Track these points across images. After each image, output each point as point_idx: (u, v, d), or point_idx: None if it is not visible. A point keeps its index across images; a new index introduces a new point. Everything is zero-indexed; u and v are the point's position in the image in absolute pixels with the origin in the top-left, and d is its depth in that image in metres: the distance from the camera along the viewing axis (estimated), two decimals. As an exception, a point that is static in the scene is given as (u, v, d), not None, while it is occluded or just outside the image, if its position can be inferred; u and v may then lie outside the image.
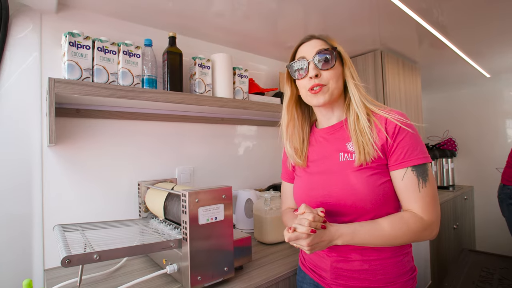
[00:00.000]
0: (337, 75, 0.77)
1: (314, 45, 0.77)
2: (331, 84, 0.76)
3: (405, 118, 0.72)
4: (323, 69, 0.75)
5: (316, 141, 0.86)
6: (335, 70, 0.76)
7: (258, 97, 1.53)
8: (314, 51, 0.76)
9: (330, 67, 0.75)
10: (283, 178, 1.00)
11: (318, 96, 0.76)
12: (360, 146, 0.72)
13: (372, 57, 1.86)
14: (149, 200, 1.13)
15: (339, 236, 0.67)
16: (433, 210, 0.69)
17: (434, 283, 2.04)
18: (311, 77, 0.76)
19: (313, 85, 0.76)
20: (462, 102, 3.09)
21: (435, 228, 0.70)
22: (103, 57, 1.05)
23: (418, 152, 0.70)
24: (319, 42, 0.78)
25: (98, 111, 1.17)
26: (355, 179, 0.72)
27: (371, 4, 1.26)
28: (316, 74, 0.75)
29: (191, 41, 1.48)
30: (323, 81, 0.75)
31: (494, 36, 1.71)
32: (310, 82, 0.76)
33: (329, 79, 0.76)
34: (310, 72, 0.76)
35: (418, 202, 0.69)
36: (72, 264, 0.65)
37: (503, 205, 1.99)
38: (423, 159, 0.70)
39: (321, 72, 0.75)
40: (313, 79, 0.75)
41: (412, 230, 0.67)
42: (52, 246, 1.05)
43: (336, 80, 0.76)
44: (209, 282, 0.83)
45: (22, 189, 1.02)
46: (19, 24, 1.03)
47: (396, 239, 0.68)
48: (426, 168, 0.70)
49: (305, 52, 0.78)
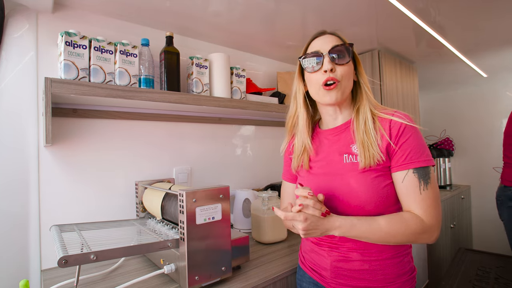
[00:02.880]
0: (350, 73, 0.76)
1: (329, 40, 0.76)
2: (344, 81, 0.75)
3: (410, 119, 0.72)
4: (338, 64, 0.74)
5: (320, 142, 0.85)
6: (349, 67, 0.76)
7: (255, 97, 1.53)
8: (329, 45, 0.75)
9: (345, 62, 0.74)
10: (284, 178, 0.99)
11: (331, 93, 0.74)
12: (366, 149, 0.71)
13: (370, 57, 1.86)
14: (147, 200, 1.12)
15: (337, 227, 0.68)
16: (434, 213, 0.68)
17: (432, 282, 2.05)
18: (325, 71, 0.74)
19: (328, 79, 0.73)
20: (459, 102, 3.10)
21: (435, 232, 0.68)
22: (100, 56, 1.04)
23: (420, 154, 0.69)
24: (333, 38, 0.77)
25: (95, 111, 1.16)
26: (359, 181, 0.72)
27: (368, 3, 1.26)
28: (331, 68, 0.73)
29: (188, 41, 1.48)
30: (338, 77, 0.74)
31: (491, 36, 1.72)
32: (324, 76, 0.74)
33: (343, 76, 0.74)
34: (325, 65, 0.73)
35: (418, 204, 0.68)
36: (69, 264, 0.64)
37: (503, 207, 1.81)
38: (426, 161, 0.69)
39: (336, 67, 0.74)
40: (328, 73, 0.73)
41: (411, 230, 0.67)
42: (49, 247, 1.05)
43: (349, 78, 0.76)
44: (207, 282, 0.83)
45: (19, 190, 1.01)
46: (15, 24, 1.02)
47: (394, 238, 0.68)
48: (428, 171, 0.69)
49: (319, 46, 0.76)
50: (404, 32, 1.60)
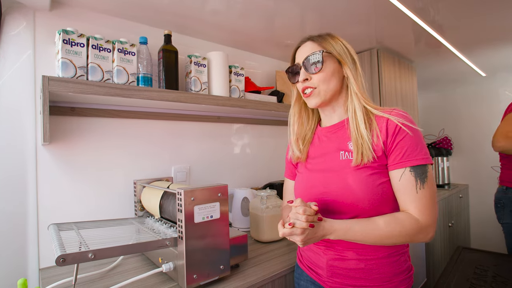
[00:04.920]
0: (327, 77, 0.77)
1: (306, 49, 0.80)
2: (321, 87, 0.78)
3: (407, 117, 0.72)
4: (311, 73, 0.77)
5: (318, 139, 0.87)
6: (324, 73, 0.77)
7: (254, 96, 1.52)
8: (304, 56, 0.79)
9: (318, 70, 0.77)
10: (286, 176, 1.01)
11: (310, 99, 0.80)
12: (359, 146, 0.72)
13: (368, 55, 1.86)
14: (145, 198, 1.12)
15: (333, 232, 0.68)
16: (429, 212, 0.68)
17: (429, 280, 2.06)
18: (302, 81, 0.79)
19: (303, 88, 0.80)
20: (457, 101, 3.10)
21: (430, 231, 0.68)
22: (98, 55, 1.04)
23: (417, 152, 0.69)
24: (310, 45, 0.79)
25: (93, 109, 1.16)
26: (354, 178, 0.72)
27: (367, 2, 1.26)
28: (306, 78, 0.78)
29: (186, 39, 1.47)
30: (313, 84, 0.78)
31: (489, 35, 1.72)
32: (302, 85, 0.80)
33: (318, 82, 0.77)
34: (300, 76, 0.79)
35: (414, 203, 0.68)
36: (67, 263, 0.64)
37: (505, 211, 1.66)
38: (423, 160, 0.68)
39: (311, 76, 0.78)
40: (303, 82, 0.79)
41: (407, 231, 0.67)
42: (47, 245, 1.05)
43: (326, 82, 0.77)
44: (205, 280, 0.83)
45: (17, 188, 1.01)
46: (12, 21, 1.02)
47: (389, 239, 0.68)
48: (425, 169, 0.69)
49: (298, 56, 0.81)
50: (403, 31, 1.60)
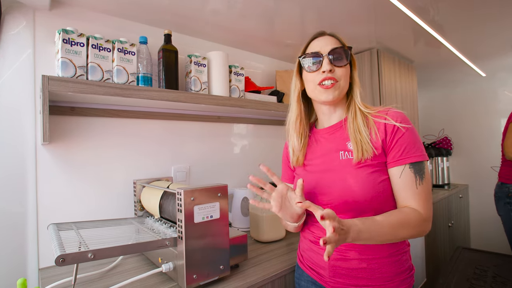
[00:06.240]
0: (348, 74, 0.79)
1: (328, 41, 0.78)
2: (342, 82, 0.78)
3: (403, 116, 0.74)
4: (337, 66, 0.77)
5: (316, 141, 0.86)
6: (347, 69, 0.79)
7: (254, 95, 1.52)
8: (329, 47, 0.77)
9: (343, 64, 0.77)
10: (283, 180, 0.99)
11: (329, 92, 0.77)
12: (358, 143, 0.73)
13: (368, 55, 1.86)
14: (145, 198, 1.12)
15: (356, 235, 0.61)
16: (428, 206, 0.71)
17: (429, 280, 2.06)
18: (323, 71, 0.76)
19: (326, 78, 0.76)
20: (457, 101, 3.10)
21: (429, 223, 0.71)
22: (98, 54, 1.04)
23: (416, 149, 0.71)
24: (332, 40, 0.79)
25: (92, 109, 1.16)
26: (355, 176, 0.72)
27: (367, 2, 1.26)
28: (330, 69, 0.76)
29: (186, 39, 1.47)
30: (337, 77, 0.77)
31: (489, 36, 1.72)
32: (321, 76, 0.76)
33: (342, 76, 0.77)
34: (324, 66, 0.76)
35: (415, 198, 0.70)
36: (67, 262, 0.64)
37: (500, 203, 1.96)
38: (421, 156, 0.71)
39: (334, 68, 0.77)
40: (326, 73, 0.76)
41: (413, 224, 0.68)
42: (47, 245, 1.04)
43: (346, 79, 0.79)
44: (205, 280, 0.82)
45: (16, 188, 1.01)
46: (12, 21, 1.02)
47: (399, 235, 0.67)
48: (423, 165, 0.72)
49: (319, 47, 0.78)
50: (403, 31, 1.60)
